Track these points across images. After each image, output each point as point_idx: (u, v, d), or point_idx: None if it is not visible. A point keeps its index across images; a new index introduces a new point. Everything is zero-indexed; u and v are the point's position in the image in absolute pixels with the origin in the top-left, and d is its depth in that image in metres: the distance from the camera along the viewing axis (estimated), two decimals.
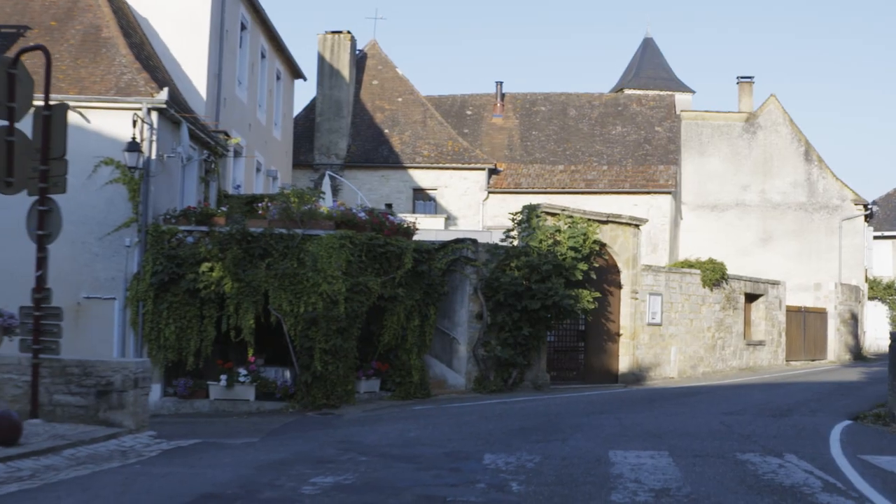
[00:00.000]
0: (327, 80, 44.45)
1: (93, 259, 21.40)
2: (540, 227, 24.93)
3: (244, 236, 20.77)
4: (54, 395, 12.82)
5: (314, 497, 8.40)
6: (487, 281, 24.03)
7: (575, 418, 15.91)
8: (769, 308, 35.31)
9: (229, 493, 8.63)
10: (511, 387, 23.98)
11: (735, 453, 11.17)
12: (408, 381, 22.20)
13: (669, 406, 18.69)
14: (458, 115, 48.09)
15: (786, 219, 45.63)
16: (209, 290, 20.68)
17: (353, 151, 44.35)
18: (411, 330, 22.37)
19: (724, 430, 13.79)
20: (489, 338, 23.99)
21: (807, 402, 19.34)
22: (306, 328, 20.42)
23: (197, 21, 27.23)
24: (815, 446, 11.83)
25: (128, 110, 21.19)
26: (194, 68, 27.23)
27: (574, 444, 12.24)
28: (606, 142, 45.25)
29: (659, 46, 66.84)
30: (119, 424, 12.59)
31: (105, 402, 12.74)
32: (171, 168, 22.53)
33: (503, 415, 16.87)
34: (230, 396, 20.63)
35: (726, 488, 8.81)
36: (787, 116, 46.32)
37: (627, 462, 10.38)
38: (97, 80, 22.26)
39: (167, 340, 20.74)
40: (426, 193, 43.88)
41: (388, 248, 21.75)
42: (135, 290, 21.03)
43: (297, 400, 20.57)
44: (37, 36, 23.79)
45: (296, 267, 20.57)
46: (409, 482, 9.25)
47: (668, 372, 29.04)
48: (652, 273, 28.98)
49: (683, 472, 9.75)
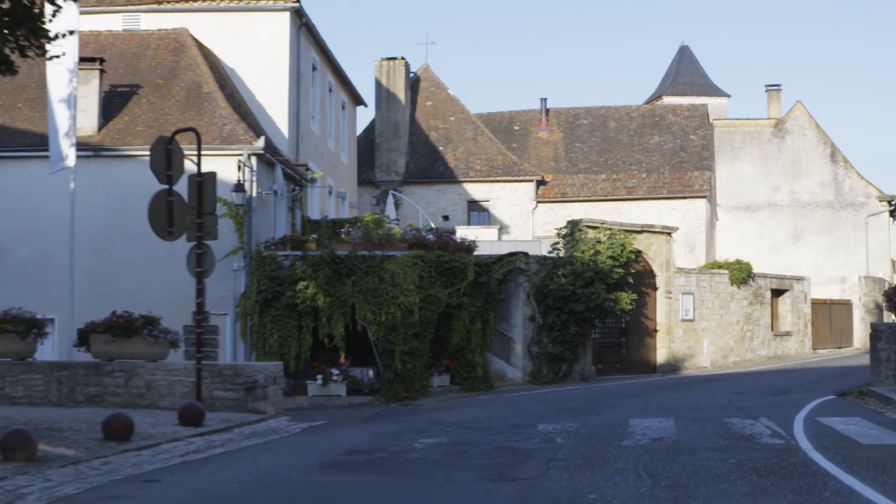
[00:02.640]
0: (385, 104, 48.55)
1: (207, 282, 25.55)
2: (582, 240, 28.76)
3: (333, 258, 24.86)
4: (213, 391, 16.99)
5: (424, 449, 12.41)
6: (538, 288, 27.91)
7: (611, 400, 19.84)
8: (795, 301, 38.94)
9: (366, 449, 12.66)
10: (561, 378, 27.82)
11: (723, 418, 15.00)
12: (473, 375, 26.16)
13: (692, 389, 22.56)
14: (507, 130, 52.04)
15: (815, 217, 49.15)
16: (305, 304, 24.77)
17: (411, 168, 48.43)
18: (475, 332, 26.32)
19: (725, 405, 17.63)
20: (541, 337, 27.85)
21: (809, 384, 23.05)
22: (387, 334, 24.47)
23: (277, 69, 31.41)
24: (788, 413, 15.61)
25: (232, 156, 25.33)
26: (276, 110, 31.45)
27: (606, 416, 16.17)
28: (645, 151, 48.95)
29: (695, 53, 70.12)
30: (263, 412, 16.73)
31: (252, 395, 16.89)
32: (266, 202, 26.70)
33: (553, 399, 20.81)
34: (325, 393, 24.63)
35: (702, 437, 12.66)
36: (812, 121, 49.81)
37: (641, 425, 14.29)
38: (204, 130, 26.39)
39: (272, 347, 24.84)
40: (480, 205, 47.86)
41: (453, 264, 25.75)
42: (243, 306, 25.18)
43: (381, 394, 24.58)
44: (148, 93, 28.05)
45: (377, 283, 24.64)
46: (486, 440, 13.22)
47: (702, 362, 32.78)
48: (684, 275, 32.75)
49: (678, 429, 13.64)
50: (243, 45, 31.45)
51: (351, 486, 9.79)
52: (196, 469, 11.18)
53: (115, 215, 25.54)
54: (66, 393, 17.70)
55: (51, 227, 25.82)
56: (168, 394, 17.27)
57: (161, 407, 17.01)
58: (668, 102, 60.35)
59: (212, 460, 11.95)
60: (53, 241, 25.79)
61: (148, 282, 25.09)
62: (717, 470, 9.87)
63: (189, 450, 12.78)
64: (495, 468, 10.57)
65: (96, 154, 25.81)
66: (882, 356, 20.46)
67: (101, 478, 10.49)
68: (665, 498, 8.47)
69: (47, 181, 25.73)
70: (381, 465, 11.12)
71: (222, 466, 11.42)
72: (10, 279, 25.89)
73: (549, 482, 9.46)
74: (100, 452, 11.98)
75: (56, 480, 10.16)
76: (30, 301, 22.40)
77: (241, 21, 31.67)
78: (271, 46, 31.42)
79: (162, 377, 17.41)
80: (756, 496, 8.42)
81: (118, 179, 25.76)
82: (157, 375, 17.43)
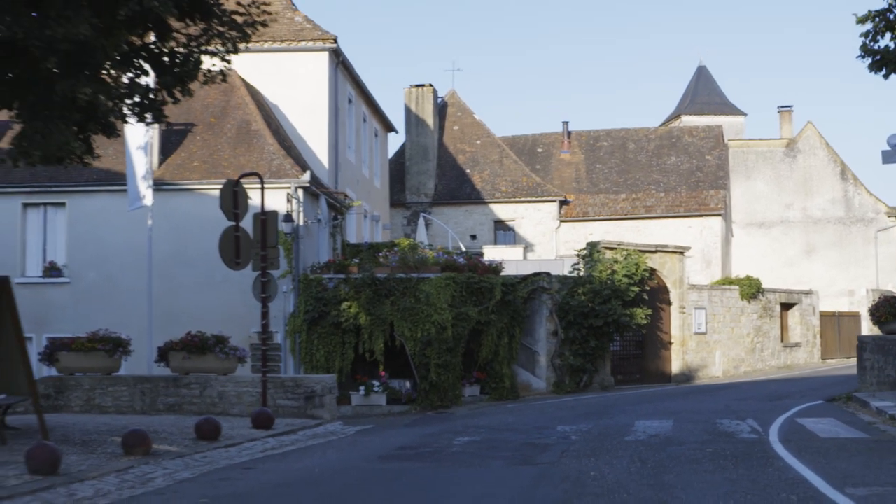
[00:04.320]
0: (414, 128, 51.33)
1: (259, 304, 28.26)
2: (600, 260, 31.29)
3: (373, 281, 27.48)
4: (277, 400, 19.65)
5: (461, 445, 14.98)
6: (560, 305, 30.44)
7: (624, 406, 22.36)
8: (803, 314, 41.33)
9: (413, 445, 15.26)
10: (583, 388, 30.33)
11: (716, 420, 17.50)
12: (501, 386, 28.70)
13: (699, 396, 25.05)
14: (531, 152, 54.69)
15: (826, 232, 51.52)
16: (348, 322, 27.39)
17: (440, 190, 51.15)
18: (502, 346, 28.87)
19: (723, 409, 20.12)
20: (563, 350, 30.38)
21: (806, 391, 25.46)
22: (423, 348, 27.05)
23: (317, 104, 34.15)
24: (773, 415, 18.06)
25: (281, 189, 28.02)
26: (317, 142, 34.15)
27: (616, 419, 18.69)
28: (662, 171, 51.47)
29: (712, 73, 72.38)
30: (321, 417, 19.37)
31: (311, 403, 19.54)
32: (311, 229, 29.38)
33: (573, 406, 23.35)
34: (367, 402, 27.20)
35: (692, 434, 15.18)
36: (823, 140, 52.20)
37: (644, 425, 16.82)
38: (254, 165, 29.12)
39: (318, 362, 27.46)
40: (505, 224, 50.52)
41: (482, 284, 28.33)
42: (292, 324, 27.84)
43: (417, 403, 27.14)
44: (202, 131, 30.81)
45: (413, 302, 27.23)
46: (513, 438, 15.79)
47: (714, 372, 35.23)
48: (696, 290, 35.24)
49: (674, 428, 16.17)
50: (286, 83, 34.17)
51: (407, 470, 12.42)
52: (279, 461, 13.83)
53: (175, 243, 28.21)
54: (148, 403, 20.43)
55: (116, 255, 28.71)
56: (238, 402, 19.95)
57: (232, 414, 19.67)
58: (685, 123, 62.82)
59: (289, 455, 14.60)
60: (118, 267, 28.69)
61: (205, 303, 27.79)
62: (694, 456, 12.46)
63: (266, 447, 15.44)
64: (520, 457, 13.17)
65: (158, 188, 28.50)
66: (867, 365, 22.93)
67: (206, 466, 13.15)
68: (647, 474, 11.06)
69: (112, 213, 28.66)
70: (428, 456, 13.75)
71: (300, 459, 14.05)
72: (80, 301, 28.75)
73: (562, 466, 12.05)
74: (197, 449, 14.65)
75: (172, 468, 12.83)
76: (97, 321, 25.23)
77: (283, 61, 34.37)
78: (311, 83, 34.13)
79: (232, 388, 20.12)
80: (716, 471, 11.03)
81: (178, 210, 28.45)
82: (227, 387, 20.13)
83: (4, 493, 10.66)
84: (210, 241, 26.23)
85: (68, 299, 28.80)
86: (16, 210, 29.37)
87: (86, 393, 20.81)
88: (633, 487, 10.21)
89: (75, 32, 10.35)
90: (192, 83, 13.36)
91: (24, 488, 10.95)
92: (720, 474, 10.86)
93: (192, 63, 12.96)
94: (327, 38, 34.01)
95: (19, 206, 29.45)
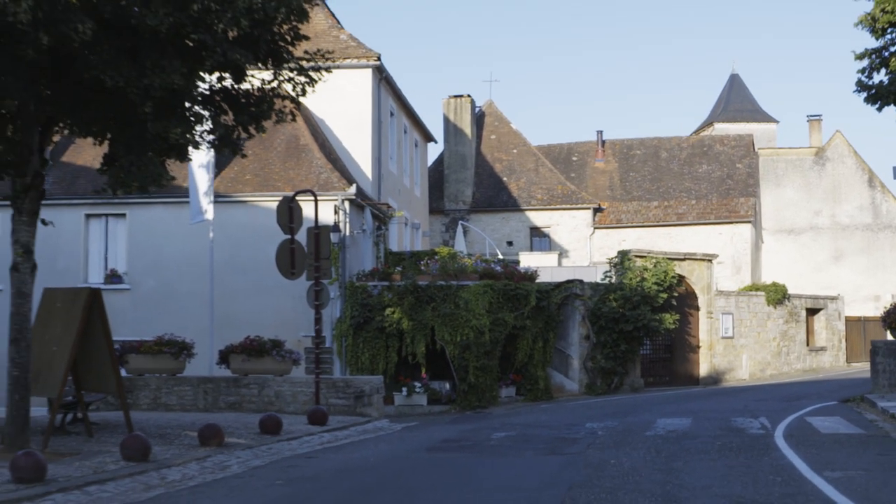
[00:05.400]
0: (452, 138, 53.02)
1: (307, 309, 29.84)
2: (630, 268, 32.87)
3: (415, 288, 29.21)
4: (329, 399, 21.42)
5: (498, 439, 16.67)
6: (592, 310, 32.05)
7: (650, 406, 23.97)
8: (829, 319, 42.70)
9: (455, 438, 16.98)
10: (613, 390, 31.91)
11: (732, 418, 19.07)
12: (536, 387, 30.34)
13: (722, 397, 26.59)
14: (565, 161, 56.27)
15: (854, 238, 52.81)
16: (391, 327, 29.12)
17: (477, 197, 52.83)
18: (537, 350, 30.51)
19: (741, 409, 21.67)
20: (595, 353, 31.97)
21: (823, 392, 26.92)
22: (462, 352, 28.73)
23: (361, 118, 35.91)
24: (785, 414, 19.59)
25: (329, 201, 29.79)
26: (361, 154, 35.92)
27: (641, 417, 20.30)
28: (694, 179, 52.91)
29: (744, 81, 73.59)
30: (369, 415, 21.13)
31: (360, 402, 21.30)
32: (357, 239, 31.17)
33: (603, 406, 24.98)
34: (409, 402, 28.87)
35: (706, 430, 16.78)
36: (851, 149, 53.47)
37: (664, 422, 18.44)
38: (303, 179, 30.99)
39: (363, 364, 29.21)
40: (541, 231, 52.12)
41: (518, 291, 29.99)
42: (339, 329, 29.62)
43: (457, 403, 28.81)
44: (253, 146, 32.43)
45: (453, 308, 28.94)
46: (545, 433, 17.45)
47: (741, 375, 36.69)
48: (724, 296, 36.74)
49: (692, 424, 17.78)
50: (331, 99, 35.77)
51: (451, 459, 14.15)
52: (336, 451, 15.59)
53: (229, 251, 30.04)
54: (210, 401, 22.27)
55: (173, 262, 30.66)
56: (293, 401, 21.75)
57: (288, 412, 21.43)
58: (717, 131, 64.25)
59: (344, 447, 16.36)
60: (175, 274, 30.64)
61: (256, 308, 29.63)
62: (704, 448, 14.10)
63: (323, 441, 17.21)
64: (550, 448, 14.86)
65: (213, 200, 30.41)
66: (880, 368, 24.40)
67: (273, 456, 14.93)
68: (659, 461, 12.73)
69: (169, 223, 30.65)
70: (469, 448, 15.47)
71: (354, 450, 15.81)
72: (139, 306, 30.70)
73: (586, 455, 13.74)
74: (262, 441, 16.44)
75: (244, 457, 14.61)
76: (156, 325, 27.24)
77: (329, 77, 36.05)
78: (356, 99, 35.88)
79: (287, 388, 21.92)
80: (719, 459, 12.69)
81: (231, 221, 30.28)
82: (283, 387, 21.94)
83: (107, 475, 12.47)
84: (262, 250, 28.37)
85: (128, 304, 30.71)
86: (79, 221, 31.34)
87: (153, 392, 22.69)
88: (646, 471, 11.88)
89: (169, 81, 12.15)
90: (265, 121, 15.14)
91: (123, 472, 12.76)
92: (722, 461, 12.51)
93: (266, 104, 14.76)
94: (371, 56, 35.75)
95: (82, 217, 31.42)
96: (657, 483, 11.01)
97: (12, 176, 14.16)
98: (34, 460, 11.60)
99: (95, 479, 12.21)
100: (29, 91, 12.59)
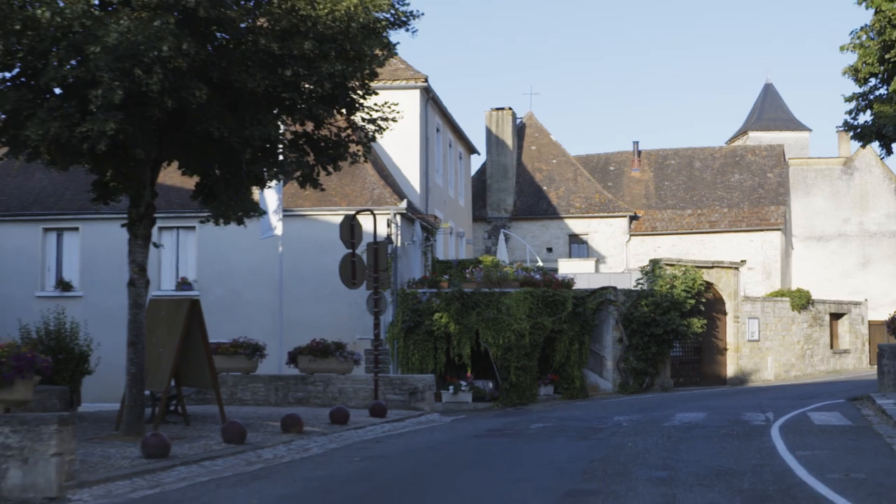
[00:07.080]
0: (494, 149, 55.66)
1: (362, 314, 32.64)
2: (661, 276, 35.42)
3: (461, 294, 31.90)
4: (386, 395, 24.19)
5: (536, 429, 19.36)
6: (625, 315, 34.63)
7: (675, 403, 26.55)
8: (852, 323, 45.03)
9: (499, 428, 19.71)
10: (645, 389, 34.45)
11: (742, 412, 21.60)
12: (572, 386, 32.93)
13: (742, 396, 29.10)
14: (603, 170, 58.77)
15: (881, 245, 54.96)
16: (439, 331, 31.78)
17: (518, 206, 55.46)
18: (573, 352, 33.10)
19: (755, 405, 24.17)
20: (628, 355, 34.54)
21: (836, 392, 29.27)
22: (504, 353, 31.37)
23: (410, 136, 38.58)
24: (791, 409, 22.10)
25: (382, 215, 32.54)
26: (409, 170, 38.68)
27: (663, 412, 22.89)
28: (726, 188, 55.26)
29: (778, 90, 75.66)
30: (422, 409, 23.88)
31: (414, 398, 24.06)
32: (407, 249, 33.93)
33: (632, 403, 27.57)
34: (455, 400, 31.50)
35: (716, 422, 19.35)
36: (878, 159, 55.56)
37: (682, 415, 21.05)
38: (357, 194, 33.78)
39: (414, 365, 31.88)
40: (579, 238, 54.68)
41: (556, 297, 32.61)
42: (391, 333, 32.37)
43: (499, 401, 31.42)
44: None
45: (496, 313, 31.60)
46: (577, 424, 20.10)
47: (766, 376, 39.12)
48: (750, 302, 39.19)
49: (705, 418, 20.35)
50: None
51: (496, 443, 16.90)
52: (398, 438, 18.36)
53: (291, 262, 32.77)
54: (281, 397, 25.10)
55: (239, 272, 33.53)
56: (354, 397, 24.53)
57: (350, 406, 24.15)
58: (751, 139, 66.54)
59: (404, 434, 19.15)
60: (242, 283, 33.51)
61: (316, 313, 32.42)
62: (708, 435, 16.72)
63: (385, 430, 19.98)
64: (580, 436, 17.55)
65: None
66: (885, 370, 26.72)
67: (345, 441, 17.73)
68: (667, 444, 15.40)
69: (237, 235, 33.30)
70: (511, 435, 18.19)
71: (413, 437, 18.57)
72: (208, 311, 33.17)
73: (609, 440, 16.42)
74: (333, 430, 19.23)
75: (321, 442, 17.40)
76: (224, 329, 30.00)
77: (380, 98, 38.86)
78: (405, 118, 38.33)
79: (349, 385, 24.72)
80: (717, 443, 15.31)
81: (293, 234, 32.99)
82: (346, 384, 24.74)
83: (215, 454, 15.31)
84: (320, 260, 31.29)
85: None
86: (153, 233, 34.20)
87: (229, 389, 25.52)
88: (654, 451, 14.58)
89: (266, 133, 14.96)
90: (341, 161, 17.94)
91: (227, 451, 15.59)
92: (718, 444, 15.16)
93: (343, 148, 17.56)
94: (419, 78, 38.49)
95: (156, 230, 34.16)
96: (660, 458, 13.68)
97: (128, 207, 17.05)
98: (161, 440, 14.43)
99: (206, 455, 15.05)
100: (151, 141, 15.45)
